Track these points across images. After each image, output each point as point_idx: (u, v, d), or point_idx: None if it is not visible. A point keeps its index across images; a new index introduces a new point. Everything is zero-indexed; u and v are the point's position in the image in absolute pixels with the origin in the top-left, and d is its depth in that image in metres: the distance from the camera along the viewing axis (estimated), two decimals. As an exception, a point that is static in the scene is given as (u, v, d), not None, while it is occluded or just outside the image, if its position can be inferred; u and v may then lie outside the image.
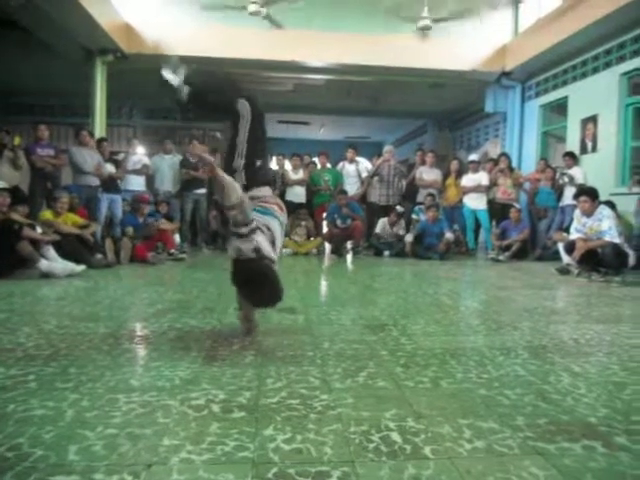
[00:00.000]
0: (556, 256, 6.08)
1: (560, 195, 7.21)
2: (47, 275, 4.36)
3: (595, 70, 7.44)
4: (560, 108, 8.48)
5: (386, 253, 7.45)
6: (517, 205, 7.36)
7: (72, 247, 5.07)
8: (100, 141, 7.10)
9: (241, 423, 1.41)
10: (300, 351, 2.15)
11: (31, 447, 1.24)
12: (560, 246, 5.68)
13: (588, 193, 5.24)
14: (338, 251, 7.48)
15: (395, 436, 1.36)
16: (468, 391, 1.73)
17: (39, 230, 4.81)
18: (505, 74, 9.13)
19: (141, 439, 1.30)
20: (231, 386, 1.70)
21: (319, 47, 8.77)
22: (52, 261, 4.55)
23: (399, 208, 7.65)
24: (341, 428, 1.40)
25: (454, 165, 8.23)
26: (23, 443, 1.26)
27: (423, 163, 8.41)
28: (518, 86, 9.34)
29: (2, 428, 1.34)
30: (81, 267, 4.65)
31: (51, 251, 4.65)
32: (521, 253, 7.11)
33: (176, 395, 1.61)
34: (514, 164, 8.51)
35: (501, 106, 9.56)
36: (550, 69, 8.47)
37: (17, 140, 6.25)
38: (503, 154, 8.21)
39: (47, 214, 5.31)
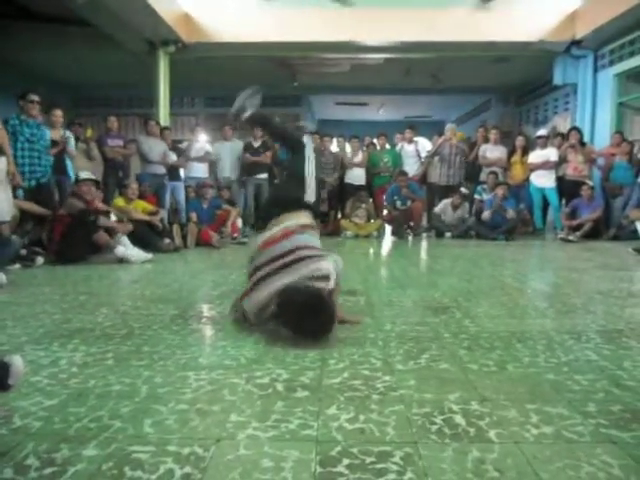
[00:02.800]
0: (633, 236, 5.73)
1: (639, 171, 6.75)
2: (122, 260, 4.60)
3: (679, 33, 6.86)
4: (638, 76, 7.89)
5: (447, 234, 7.30)
6: (589, 182, 6.97)
7: (142, 233, 5.33)
8: (162, 130, 7.35)
9: (305, 402, 1.44)
10: (362, 333, 2.16)
11: (111, 419, 1.33)
12: (638, 224, 5.35)
13: None
14: (398, 233, 7.41)
15: (459, 419, 1.34)
16: (535, 375, 1.67)
17: (113, 218, 5.09)
18: (575, 43, 8.60)
19: (210, 415, 1.36)
20: (294, 366, 1.74)
21: (376, 25, 8.60)
22: (126, 247, 4.79)
23: (463, 190, 7.43)
24: (403, 409, 1.40)
25: (519, 141, 7.88)
26: (103, 415, 1.35)
27: (486, 140, 8.11)
28: (590, 55, 8.77)
29: (85, 401, 1.45)
30: (151, 255, 4.84)
31: (125, 238, 4.89)
32: (594, 233, 6.75)
33: (242, 374, 1.66)
34: (586, 138, 8.04)
35: (571, 77, 9.02)
36: (627, 34, 7.88)
37: (89, 132, 6.59)
38: (574, 128, 7.77)
39: (120, 201, 5.61)
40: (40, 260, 4.40)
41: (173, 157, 7.18)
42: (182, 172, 7.67)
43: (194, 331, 2.23)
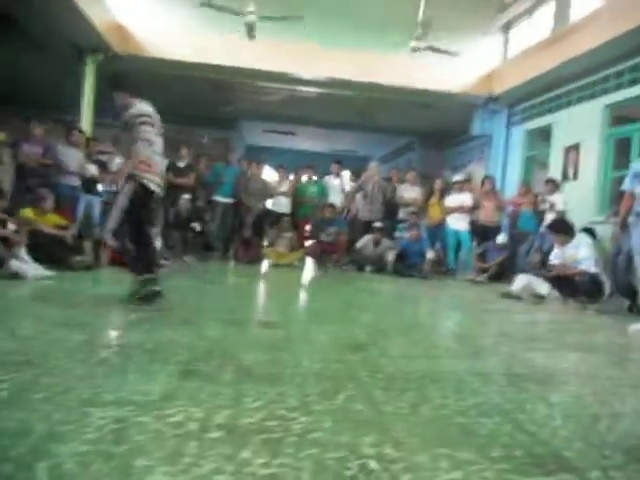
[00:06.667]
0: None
1: (541, 220, 7.33)
2: (16, 275, 4.23)
3: (579, 100, 7.64)
4: (544, 134, 8.66)
5: (367, 268, 7.47)
6: (502, 237, 7.39)
7: (51, 248, 4.98)
8: (88, 140, 7.01)
9: (219, 444, 1.38)
10: (279, 369, 2.12)
11: (-1, 462, 1.20)
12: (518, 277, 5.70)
13: (556, 229, 5.33)
14: (320, 264, 7.49)
15: (373, 464, 1.34)
16: (446, 418, 1.73)
17: (11, 227, 4.67)
18: (492, 98, 9.32)
19: (114, 457, 1.27)
20: (208, 404, 1.67)
21: (311, 61, 8.85)
22: (23, 262, 4.42)
23: (378, 224, 7.64)
24: (319, 453, 1.38)
25: (438, 184, 8.31)
26: (-9, 457, 1.22)
27: (400, 181, 8.46)
28: (504, 111, 9.53)
29: (-31, 440, 1.30)
30: (51, 273, 4.49)
31: (22, 251, 4.51)
32: (499, 275, 7.20)
33: (152, 411, 1.57)
34: (497, 187, 8.64)
35: (487, 129, 9.74)
36: (536, 96, 8.67)
37: (1, 136, 6.15)
38: (487, 177, 8.33)
39: (28, 212, 5.21)
40: None
41: (92, 169, 6.82)
42: (100, 186, 7.31)
43: (101, 361, 2.09)
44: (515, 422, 1.73)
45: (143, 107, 3.46)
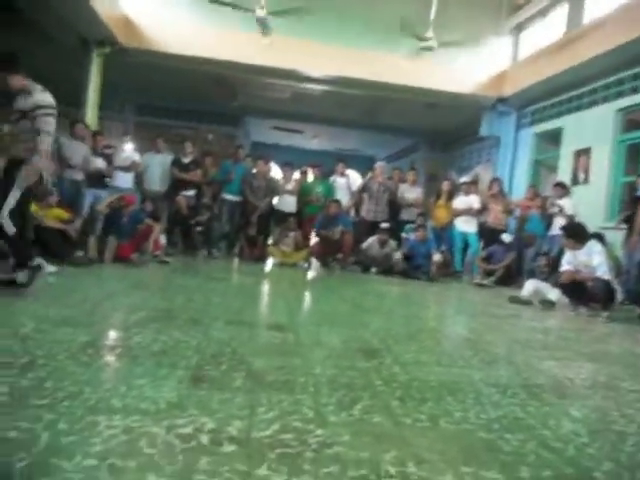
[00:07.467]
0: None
1: (549, 224, 7.24)
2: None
3: (591, 104, 7.54)
4: (554, 138, 8.56)
5: (373, 269, 7.39)
6: (507, 236, 7.28)
7: (54, 242, 4.91)
8: (94, 135, 6.91)
9: (232, 459, 1.31)
10: (292, 376, 2.04)
11: None
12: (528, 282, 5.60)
13: (569, 233, 5.18)
14: (326, 264, 7.40)
15: (397, 484, 1.27)
16: (468, 433, 1.65)
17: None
18: (501, 100, 9.22)
19: (124, 473, 1.19)
20: (220, 413, 1.59)
21: (319, 58, 8.77)
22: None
23: (385, 225, 7.56)
24: (339, 471, 1.30)
25: (445, 186, 8.23)
26: (-9, 472, 1.14)
27: (402, 181, 8.38)
28: (513, 113, 9.43)
29: (-32, 451, 1.22)
30: (54, 268, 4.38)
31: None
32: (507, 279, 7.11)
33: (161, 421, 1.49)
34: (505, 189, 8.55)
35: (495, 131, 9.65)
36: (546, 99, 8.57)
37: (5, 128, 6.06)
38: (495, 179, 8.24)
39: (32, 207, 5.12)
40: None
41: (98, 163, 6.73)
42: (107, 180, 7.22)
43: (107, 364, 2.01)
44: (540, 439, 1.65)
45: (46, 97, 3.33)
